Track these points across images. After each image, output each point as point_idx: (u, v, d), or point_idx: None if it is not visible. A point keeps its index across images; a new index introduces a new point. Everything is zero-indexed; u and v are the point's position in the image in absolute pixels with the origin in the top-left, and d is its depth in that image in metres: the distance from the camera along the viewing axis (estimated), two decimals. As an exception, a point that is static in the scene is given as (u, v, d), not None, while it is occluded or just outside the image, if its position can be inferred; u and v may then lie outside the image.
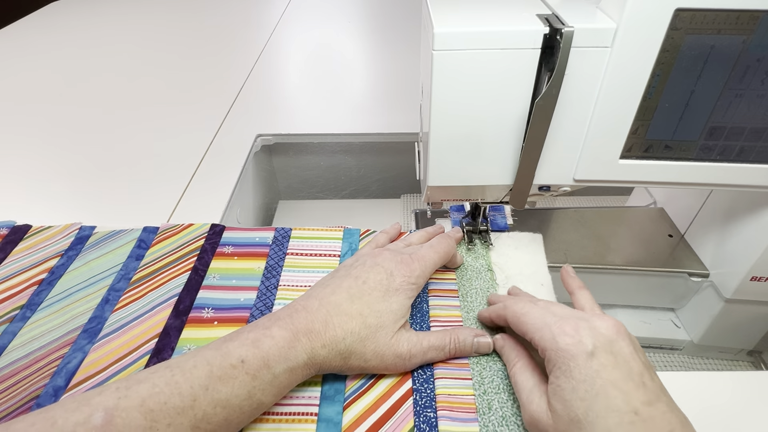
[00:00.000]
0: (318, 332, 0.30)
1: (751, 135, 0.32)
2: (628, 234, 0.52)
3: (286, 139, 0.64)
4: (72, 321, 0.37)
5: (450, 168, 0.36)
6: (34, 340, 0.36)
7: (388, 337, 0.32)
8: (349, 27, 0.99)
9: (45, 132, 0.65)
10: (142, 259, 0.42)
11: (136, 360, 0.34)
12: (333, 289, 0.33)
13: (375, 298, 0.33)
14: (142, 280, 0.40)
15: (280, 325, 0.30)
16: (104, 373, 0.34)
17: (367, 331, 0.31)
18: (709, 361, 0.52)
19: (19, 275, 0.41)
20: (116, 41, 0.93)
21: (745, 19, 0.28)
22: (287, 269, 0.42)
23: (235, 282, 0.41)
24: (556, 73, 0.29)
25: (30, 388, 0.33)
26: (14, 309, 0.38)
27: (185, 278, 0.40)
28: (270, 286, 0.40)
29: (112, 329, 0.37)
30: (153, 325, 0.37)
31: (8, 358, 0.34)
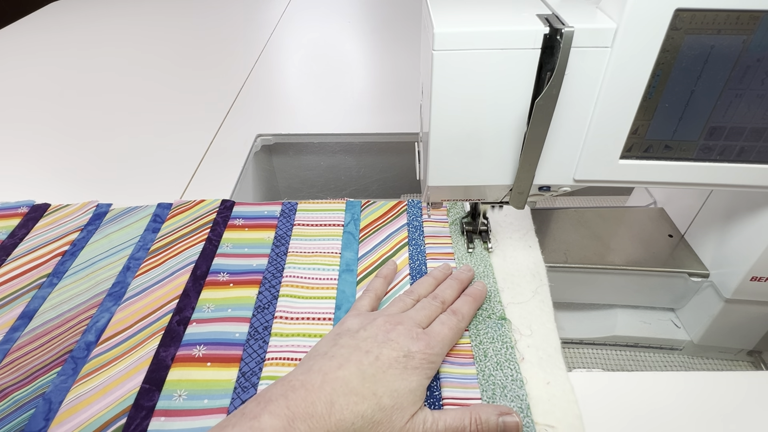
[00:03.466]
0: (321, 416, 0.26)
1: (751, 135, 0.32)
2: (628, 234, 0.52)
3: (286, 139, 0.64)
4: (96, 286, 0.41)
5: (450, 168, 0.36)
6: (62, 304, 0.39)
7: (403, 422, 0.28)
8: (349, 27, 0.99)
9: (44, 132, 0.65)
10: (158, 232, 0.46)
11: (161, 317, 0.38)
12: (340, 363, 0.29)
13: (391, 376, 0.28)
14: (160, 250, 0.44)
15: (272, 410, 0.25)
16: (132, 329, 0.37)
17: (381, 414, 0.27)
18: (709, 361, 0.52)
19: (43, 248, 0.44)
20: (116, 41, 0.93)
21: (745, 19, 0.28)
22: (295, 238, 0.45)
23: (247, 250, 0.44)
24: (556, 73, 0.29)
25: (63, 344, 0.36)
26: (41, 277, 0.41)
27: (200, 247, 0.43)
28: (280, 252, 0.44)
29: (135, 292, 0.40)
30: (173, 288, 0.40)
31: (40, 320, 0.38)
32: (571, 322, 0.54)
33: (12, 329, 0.37)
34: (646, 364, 0.52)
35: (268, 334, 0.37)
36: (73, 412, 0.32)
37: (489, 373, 0.33)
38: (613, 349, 0.53)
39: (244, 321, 0.38)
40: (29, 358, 0.35)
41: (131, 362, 0.35)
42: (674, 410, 0.32)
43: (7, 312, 0.39)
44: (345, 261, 0.43)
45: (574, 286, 0.51)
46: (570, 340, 0.53)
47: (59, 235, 0.46)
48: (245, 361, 0.35)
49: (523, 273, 0.42)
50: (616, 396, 0.33)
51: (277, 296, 0.40)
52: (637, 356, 0.52)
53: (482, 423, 0.29)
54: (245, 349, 0.36)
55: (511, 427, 0.29)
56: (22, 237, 0.46)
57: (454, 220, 0.47)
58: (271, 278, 0.41)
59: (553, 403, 0.32)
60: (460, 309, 0.36)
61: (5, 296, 0.40)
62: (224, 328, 0.37)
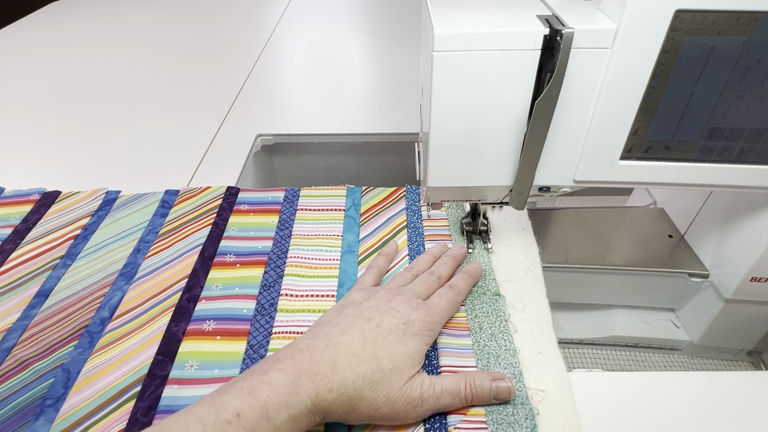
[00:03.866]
0: (324, 374, 0.28)
1: (751, 136, 0.32)
2: (628, 234, 0.52)
3: (286, 139, 0.64)
4: (109, 267, 0.43)
5: (450, 168, 0.36)
6: (76, 283, 0.41)
7: (401, 383, 0.29)
8: (349, 27, 0.99)
9: (44, 130, 0.65)
10: (166, 217, 0.48)
11: (171, 295, 0.39)
12: (343, 329, 0.31)
13: (391, 341, 0.30)
14: (168, 234, 0.46)
15: (280, 367, 0.27)
16: (144, 306, 0.39)
17: (380, 375, 0.29)
18: (709, 361, 0.52)
19: (56, 232, 0.46)
20: (116, 41, 0.93)
21: (746, 20, 0.28)
22: (299, 222, 0.47)
23: (253, 233, 0.46)
24: (556, 74, 0.29)
25: (79, 319, 0.38)
26: (55, 259, 0.44)
27: (207, 231, 0.45)
28: (284, 235, 0.46)
29: (146, 272, 0.42)
30: (182, 268, 0.42)
31: (56, 298, 0.40)
32: (571, 322, 0.54)
33: (29, 307, 0.39)
34: (646, 364, 0.52)
35: (274, 310, 0.39)
36: (90, 380, 0.34)
37: (484, 344, 0.36)
38: (613, 349, 0.53)
39: (251, 298, 0.40)
40: (47, 332, 0.37)
41: (144, 336, 0.37)
42: (674, 410, 0.32)
43: (24, 291, 0.41)
44: (347, 243, 0.45)
45: (574, 286, 0.51)
46: (570, 340, 0.53)
47: (71, 220, 0.48)
48: (253, 335, 0.37)
49: (516, 253, 0.43)
50: (616, 396, 0.33)
51: (282, 275, 0.42)
52: (637, 356, 0.53)
53: (476, 387, 0.31)
54: (252, 323, 0.38)
55: (504, 391, 0.31)
56: (35, 222, 0.48)
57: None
58: (276, 259, 0.43)
59: (544, 370, 0.34)
60: (457, 284, 0.38)
61: (21, 276, 0.42)
62: (232, 305, 0.39)
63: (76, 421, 0.31)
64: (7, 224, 0.47)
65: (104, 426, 0.31)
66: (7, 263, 0.43)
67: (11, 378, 0.34)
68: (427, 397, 0.30)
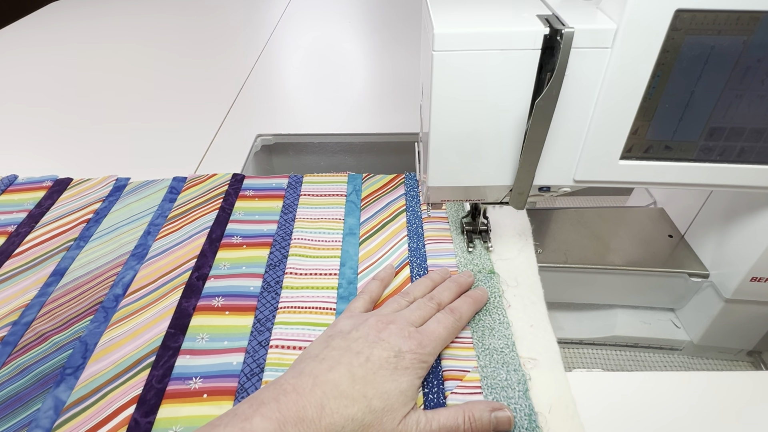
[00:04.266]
0: (311, 420, 0.26)
1: (752, 136, 0.32)
2: (628, 234, 0.52)
3: (286, 139, 0.64)
4: (120, 248, 0.45)
5: (450, 168, 0.36)
6: (90, 263, 0.43)
7: (395, 423, 0.28)
8: (349, 27, 0.99)
9: (43, 131, 0.65)
10: (174, 202, 0.50)
11: (181, 274, 0.41)
12: (330, 365, 0.29)
13: (381, 377, 0.28)
14: (177, 217, 0.48)
15: (263, 413, 0.25)
16: (155, 283, 0.41)
17: (371, 416, 0.27)
18: (709, 361, 0.52)
19: (68, 216, 0.49)
20: (116, 41, 0.93)
21: (746, 20, 0.28)
22: (302, 206, 0.49)
23: (258, 217, 0.48)
24: (556, 74, 0.29)
25: (93, 296, 0.40)
26: (69, 241, 0.46)
27: (214, 215, 0.47)
28: (288, 219, 0.48)
29: (156, 253, 0.44)
30: (191, 249, 0.44)
31: (71, 276, 0.42)
32: (571, 322, 0.54)
33: (45, 284, 0.41)
34: (646, 364, 0.52)
35: (280, 287, 0.41)
36: (107, 351, 0.36)
37: (479, 318, 0.37)
38: (613, 349, 0.53)
39: (258, 276, 0.42)
40: (64, 308, 0.39)
41: (156, 311, 0.39)
42: (674, 410, 0.32)
43: (40, 270, 0.43)
44: (348, 226, 0.47)
45: (574, 286, 0.51)
46: (570, 340, 0.53)
47: (83, 205, 0.50)
48: (260, 310, 0.39)
49: (510, 233, 0.45)
50: (616, 396, 0.33)
51: (286, 255, 0.44)
52: (637, 356, 0.53)
53: (476, 420, 0.29)
54: (259, 299, 0.40)
55: (503, 421, 0.30)
56: (48, 207, 0.50)
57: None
58: (280, 240, 0.45)
59: (536, 341, 0.36)
60: (458, 308, 0.35)
61: (37, 257, 0.44)
62: (240, 283, 0.41)
63: (96, 388, 0.33)
64: (22, 209, 0.49)
65: (122, 392, 0.33)
66: (22, 245, 0.45)
67: (32, 350, 0.36)
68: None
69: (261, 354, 0.36)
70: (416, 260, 0.43)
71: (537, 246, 0.45)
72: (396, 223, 0.47)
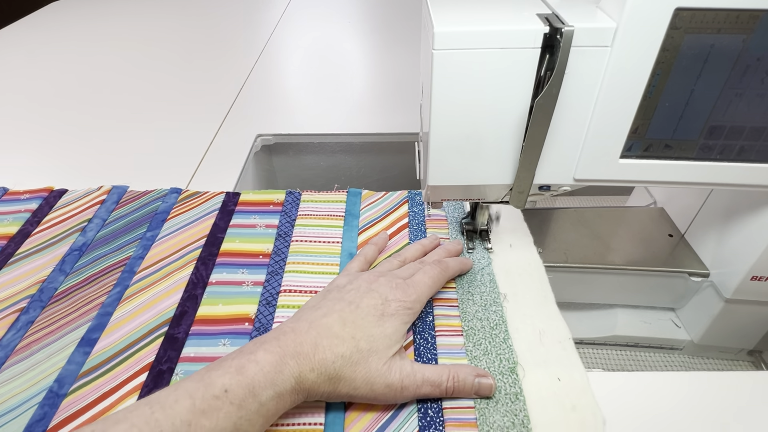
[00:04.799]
0: (306, 355, 0.29)
1: (751, 134, 0.32)
2: (628, 234, 0.52)
3: (286, 139, 0.64)
4: (134, 231, 0.47)
5: (450, 168, 0.36)
6: (107, 244, 0.45)
7: (380, 363, 0.30)
8: (349, 27, 0.99)
9: (42, 131, 0.65)
10: (177, 197, 0.51)
11: (192, 251, 0.44)
12: (324, 312, 0.32)
13: (368, 322, 0.31)
14: (183, 203, 0.50)
15: (266, 348, 0.29)
16: (168, 259, 0.43)
17: (358, 355, 0.30)
18: (709, 361, 0.52)
19: (74, 208, 0.49)
20: (116, 41, 0.93)
21: (745, 19, 0.28)
22: (304, 203, 0.50)
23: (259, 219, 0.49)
24: (556, 73, 0.29)
25: (114, 266, 0.43)
26: (82, 222, 0.48)
27: (220, 199, 0.50)
28: (294, 198, 0.50)
29: (167, 233, 0.46)
30: (200, 230, 0.46)
31: (89, 258, 0.44)
32: (571, 322, 0.54)
33: (62, 262, 0.43)
34: (646, 364, 0.52)
35: (287, 254, 0.44)
36: (123, 323, 0.38)
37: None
38: (613, 349, 0.53)
39: (266, 255, 0.44)
40: (81, 286, 0.41)
41: (170, 283, 0.41)
42: (674, 410, 0.32)
43: (52, 252, 0.45)
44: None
45: (574, 286, 0.51)
46: (570, 339, 0.53)
47: (88, 203, 0.50)
48: (268, 280, 0.41)
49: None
50: (615, 396, 0.33)
51: (289, 245, 0.45)
52: (637, 356, 0.52)
53: (459, 381, 0.31)
54: (268, 267, 0.43)
55: (485, 387, 0.32)
56: (45, 214, 0.49)
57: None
58: (284, 235, 0.46)
59: (520, 278, 0.40)
60: (444, 261, 0.39)
61: (48, 240, 0.46)
62: (252, 251, 0.44)
63: (110, 357, 0.35)
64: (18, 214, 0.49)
65: (135, 360, 0.35)
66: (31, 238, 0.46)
67: (50, 325, 0.38)
68: (408, 384, 0.31)
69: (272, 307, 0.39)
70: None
71: (537, 247, 0.45)
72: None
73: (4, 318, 0.38)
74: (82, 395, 0.33)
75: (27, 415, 0.32)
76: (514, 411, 0.31)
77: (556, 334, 0.36)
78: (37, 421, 0.31)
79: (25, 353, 0.36)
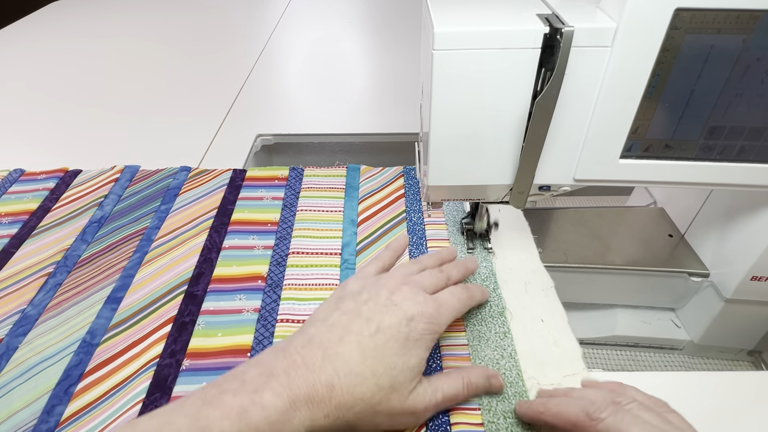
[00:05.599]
0: (321, 399, 0.25)
1: (751, 134, 0.32)
2: (628, 234, 0.52)
3: (286, 139, 0.64)
4: (148, 205, 0.50)
5: (450, 168, 0.36)
6: (124, 216, 0.49)
7: (403, 400, 0.27)
8: (349, 27, 0.99)
9: (42, 131, 0.65)
10: (187, 174, 0.53)
11: (205, 221, 0.47)
12: (339, 335, 0.28)
13: (391, 350, 0.27)
14: (193, 179, 0.53)
15: (274, 387, 0.25)
16: (183, 228, 0.46)
17: (380, 395, 0.26)
18: (709, 361, 0.52)
19: (90, 186, 0.53)
20: (116, 41, 0.93)
21: (745, 19, 0.28)
22: (307, 177, 0.54)
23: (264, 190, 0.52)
24: (556, 73, 0.29)
25: (133, 235, 0.46)
26: (99, 197, 0.51)
27: (228, 176, 0.53)
28: (297, 173, 0.54)
29: (180, 206, 0.49)
30: (211, 203, 0.49)
31: (108, 229, 0.47)
32: (571, 322, 0.54)
33: (83, 232, 0.47)
34: (646, 364, 0.52)
35: (293, 221, 0.47)
36: (145, 283, 0.41)
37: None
38: (613, 349, 0.53)
39: (273, 224, 0.47)
40: (103, 253, 0.44)
41: (186, 249, 0.44)
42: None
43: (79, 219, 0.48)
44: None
45: (574, 286, 0.51)
46: (570, 340, 0.53)
47: (104, 180, 0.53)
48: (276, 242, 0.45)
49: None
50: (616, 396, 0.33)
51: (295, 213, 0.48)
52: (637, 356, 0.52)
53: (473, 386, 0.31)
54: (277, 228, 0.46)
55: (496, 387, 0.32)
56: (62, 191, 0.52)
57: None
58: (289, 206, 0.49)
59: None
60: (472, 288, 0.35)
61: (67, 215, 0.49)
62: (261, 220, 0.48)
63: (135, 312, 0.39)
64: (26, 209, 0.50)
65: (159, 314, 0.38)
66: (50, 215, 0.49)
67: (77, 287, 0.41)
68: (430, 407, 0.29)
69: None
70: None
71: (537, 248, 0.45)
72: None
73: (33, 281, 0.41)
74: (113, 344, 0.36)
75: (65, 361, 0.35)
76: (503, 346, 0.35)
77: (539, 283, 0.41)
78: (74, 366, 0.35)
79: (56, 311, 0.39)
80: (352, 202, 0.50)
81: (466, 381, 0.31)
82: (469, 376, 0.31)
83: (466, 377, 0.31)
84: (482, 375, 0.32)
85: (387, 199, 0.50)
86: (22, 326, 0.38)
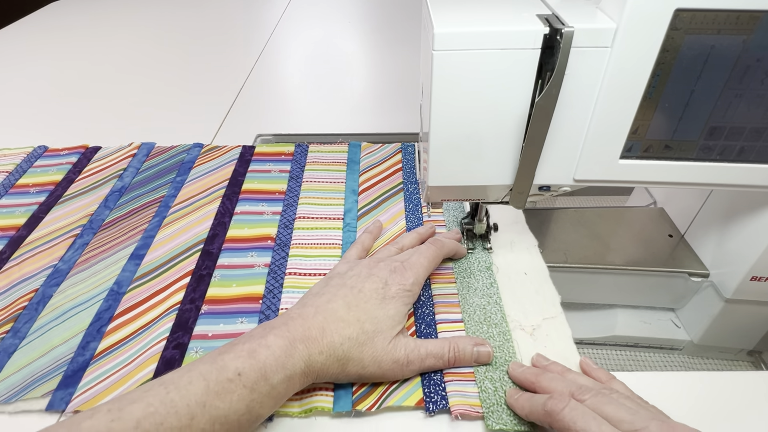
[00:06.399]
0: (315, 339, 0.30)
1: (751, 135, 0.32)
2: (628, 234, 0.52)
3: (286, 139, 0.64)
4: (164, 177, 0.54)
5: (450, 168, 0.36)
6: (142, 186, 0.53)
7: (385, 343, 0.32)
8: (349, 27, 0.99)
9: (41, 130, 0.65)
10: (200, 150, 0.58)
11: (218, 190, 0.51)
12: (329, 298, 0.33)
13: (372, 305, 0.33)
14: (205, 155, 0.57)
15: (276, 333, 0.30)
16: (197, 197, 0.50)
17: (364, 336, 0.31)
18: (709, 361, 0.52)
19: (110, 161, 0.57)
20: (116, 41, 0.93)
21: (745, 19, 0.28)
22: (311, 153, 0.58)
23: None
24: (556, 73, 0.29)
25: (151, 203, 0.50)
26: (119, 170, 0.55)
27: (238, 151, 0.57)
28: (302, 150, 0.58)
29: (194, 177, 0.53)
30: (222, 174, 0.53)
31: (128, 197, 0.52)
32: (571, 322, 0.54)
33: (105, 200, 0.51)
34: (646, 364, 0.52)
35: (299, 190, 0.51)
36: (164, 242, 0.45)
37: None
38: (613, 349, 0.53)
39: (282, 190, 0.52)
40: (125, 218, 0.49)
41: (201, 214, 0.48)
42: (674, 410, 0.32)
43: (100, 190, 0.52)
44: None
45: (574, 286, 0.51)
46: (570, 340, 0.53)
47: (121, 156, 0.58)
48: (283, 213, 0.49)
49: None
50: (616, 396, 0.33)
51: (301, 183, 0.53)
52: (637, 356, 0.52)
53: (459, 351, 0.34)
54: (284, 200, 0.50)
55: (484, 355, 0.34)
56: (84, 165, 0.56)
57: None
58: (295, 177, 0.54)
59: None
60: (440, 240, 0.40)
61: (86, 186, 0.53)
62: (270, 189, 0.52)
63: (156, 266, 0.43)
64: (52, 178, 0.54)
65: (178, 268, 0.42)
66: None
67: (102, 245, 0.45)
68: (413, 359, 0.32)
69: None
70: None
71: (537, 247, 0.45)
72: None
73: (62, 241, 0.46)
74: (138, 292, 0.40)
75: (95, 306, 0.39)
76: (489, 294, 0.39)
77: (524, 242, 0.45)
78: (104, 310, 0.39)
79: (85, 266, 0.43)
80: (353, 174, 0.54)
81: (452, 344, 0.34)
82: (456, 341, 0.34)
83: (453, 341, 0.34)
84: (469, 342, 0.34)
85: (386, 172, 0.54)
86: (54, 278, 0.42)
